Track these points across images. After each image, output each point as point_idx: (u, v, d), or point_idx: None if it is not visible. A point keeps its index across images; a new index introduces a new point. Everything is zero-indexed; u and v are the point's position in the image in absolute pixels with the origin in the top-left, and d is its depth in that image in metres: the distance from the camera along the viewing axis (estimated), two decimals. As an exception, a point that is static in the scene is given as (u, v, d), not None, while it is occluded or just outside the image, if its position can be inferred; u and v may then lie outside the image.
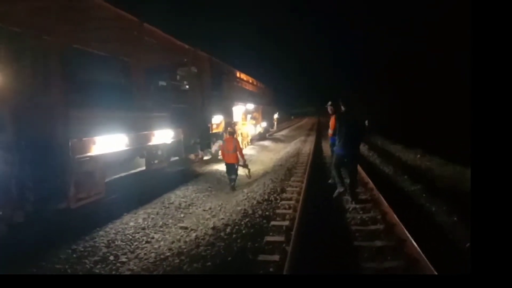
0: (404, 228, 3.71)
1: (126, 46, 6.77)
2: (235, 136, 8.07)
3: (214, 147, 10.77)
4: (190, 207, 6.25)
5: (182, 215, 5.78)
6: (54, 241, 4.28)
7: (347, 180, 5.42)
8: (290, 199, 5.56)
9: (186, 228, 5.00)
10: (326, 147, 13.97)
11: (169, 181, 7.53)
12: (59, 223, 4.68)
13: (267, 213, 4.91)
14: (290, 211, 4.92)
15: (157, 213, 5.73)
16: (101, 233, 4.78)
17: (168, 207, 6.08)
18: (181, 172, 8.57)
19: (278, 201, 5.50)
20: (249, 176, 7.96)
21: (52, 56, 4.55)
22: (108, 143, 5.24)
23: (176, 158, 8.46)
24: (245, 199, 5.92)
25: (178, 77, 10.01)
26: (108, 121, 5.28)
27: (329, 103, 6.69)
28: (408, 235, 3.51)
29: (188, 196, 6.84)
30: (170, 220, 5.50)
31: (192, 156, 9.46)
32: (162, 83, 9.09)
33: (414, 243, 3.30)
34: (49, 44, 4.52)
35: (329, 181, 6.60)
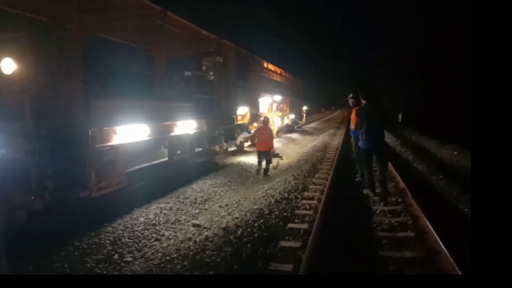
0: (436, 235, 3.33)
1: (149, 35, 6.73)
2: (268, 124, 8.35)
3: (239, 139, 10.65)
4: (207, 202, 5.97)
5: (197, 211, 5.50)
6: (60, 235, 4.06)
7: (376, 177, 5.19)
8: (312, 198, 5.23)
9: (199, 226, 4.71)
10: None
11: (189, 173, 7.33)
12: (73, 214, 4.57)
13: (284, 213, 4.59)
14: (311, 212, 4.59)
15: (170, 208, 5.45)
16: (108, 228, 4.50)
17: (183, 202, 5.81)
18: (204, 163, 8.46)
19: (299, 200, 5.17)
20: (275, 166, 8.27)
21: (73, 45, 4.54)
22: (129, 133, 5.22)
23: (200, 149, 8.42)
24: (264, 196, 5.61)
25: (203, 67, 9.93)
26: (129, 111, 5.25)
27: (350, 95, 6.43)
28: (441, 244, 3.13)
29: (206, 190, 6.58)
30: (184, 217, 5.21)
31: (216, 148, 9.39)
32: (186, 73, 9.02)
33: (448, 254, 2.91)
34: (71, 33, 4.50)
35: (356, 179, 6.31)
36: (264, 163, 7.69)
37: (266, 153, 7.73)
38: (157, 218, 5.00)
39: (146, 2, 5.73)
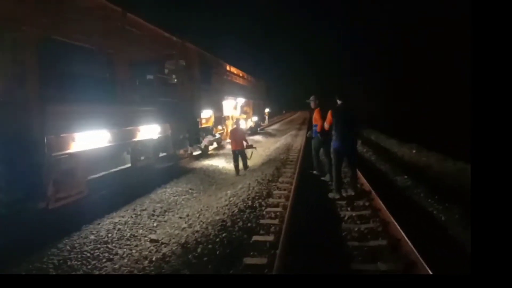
0: (409, 242, 3.25)
1: (109, 37, 6.45)
2: (239, 125, 9.25)
3: (203, 142, 10.55)
4: (166, 213, 5.55)
5: (155, 224, 5.05)
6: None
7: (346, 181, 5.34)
8: (277, 205, 4.99)
9: (156, 241, 4.26)
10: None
11: (150, 181, 6.99)
12: (19, 232, 4.17)
13: (249, 224, 4.25)
14: (276, 221, 4.33)
15: (126, 223, 4.99)
16: (53, 250, 4.00)
17: (140, 215, 5.35)
18: (167, 169, 8.24)
19: (263, 208, 4.88)
20: (249, 157, 9.11)
21: (27, 48, 4.24)
22: (89, 139, 4.99)
23: (164, 154, 8.23)
24: (227, 205, 5.24)
25: (166, 70, 9.72)
26: (89, 116, 5.02)
27: (312, 97, 6.83)
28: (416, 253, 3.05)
29: (165, 200, 6.18)
30: (140, 231, 4.76)
31: (181, 152, 9.23)
32: (149, 76, 8.78)
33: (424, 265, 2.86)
34: (26, 35, 4.20)
35: (314, 171, 6.93)
36: (241, 159, 8.53)
37: (241, 151, 8.54)
38: (109, 235, 4.55)
39: (104, 2, 5.52)
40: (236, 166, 8.44)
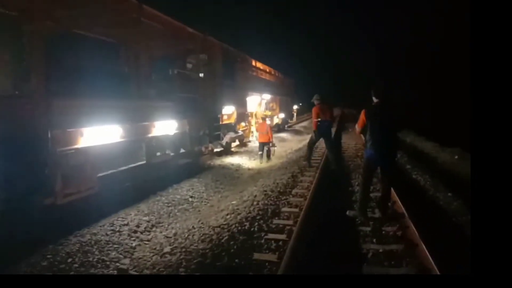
0: None
1: (127, 31, 6.34)
2: (266, 120, 10.58)
3: (225, 139, 10.32)
4: (153, 229, 4.71)
5: (133, 244, 4.15)
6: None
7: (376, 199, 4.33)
8: (282, 230, 3.95)
9: (125, 271, 3.45)
10: (347, 140, 13.20)
11: (156, 181, 6.53)
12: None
13: (235, 262, 3.25)
14: (275, 257, 3.27)
15: (95, 243, 4.04)
16: None
17: (119, 231, 4.45)
18: (184, 167, 7.94)
19: (263, 234, 3.83)
20: (272, 154, 10.03)
21: (34, 41, 4.15)
22: (99, 134, 4.85)
23: (183, 150, 8.06)
24: (220, 226, 4.26)
25: (187, 65, 9.56)
26: (99, 111, 4.88)
27: (315, 96, 7.33)
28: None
29: (156, 211, 5.31)
30: (113, 253, 3.84)
31: (202, 148, 9.05)
32: (167, 70, 8.64)
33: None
34: (32, 28, 4.12)
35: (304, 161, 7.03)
36: (265, 150, 9.71)
37: (266, 144, 9.72)
38: (69, 261, 3.61)
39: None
40: (261, 155, 9.68)
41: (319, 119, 7.37)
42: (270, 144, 9.94)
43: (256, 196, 5.45)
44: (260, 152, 9.70)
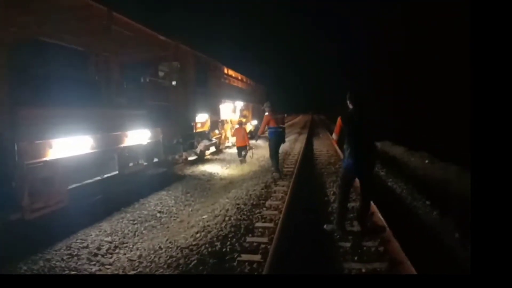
0: None
1: (97, 38, 6.15)
2: (242, 126, 10.94)
3: (199, 147, 10.23)
4: (116, 250, 4.29)
5: (93, 269, 3.73)
6: None
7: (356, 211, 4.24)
8: (256, 249, 3.63)
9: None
10: (319, 147, 13.49)
11: (125, 193, 6.21)
12: None
13: None
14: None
15: (51, 267, 3.63)
16: None
17: (76, 255, 3.99)
18: (157, 176, 7.73)
19: (236, 255, 3.50)
20: (251, 157, 10.82)
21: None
22: (68, 145, 4.66)
23: (156, 160, 7.88)
24: (189, 246, 3.89)
25: (159, 72, 9.41)
26: (69, 121, 4.69)
27: (266, 103, 7.62)
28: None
29: (120, 231, 4.85)
30: None
31: (176, 157, 8.90)
32: (139, 78, 8.46)
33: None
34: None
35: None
36: (243, 153, 10.34)
37: (243, 148, 10.37)
38: None
39: (89, 1, 5.21)
40: (240, 160, 10.28)
41: (272, 126, 7.56)
42: (248, 148, 10.55)
43: (228, 210, 5.17)
44: (240, 158, 10.32)
